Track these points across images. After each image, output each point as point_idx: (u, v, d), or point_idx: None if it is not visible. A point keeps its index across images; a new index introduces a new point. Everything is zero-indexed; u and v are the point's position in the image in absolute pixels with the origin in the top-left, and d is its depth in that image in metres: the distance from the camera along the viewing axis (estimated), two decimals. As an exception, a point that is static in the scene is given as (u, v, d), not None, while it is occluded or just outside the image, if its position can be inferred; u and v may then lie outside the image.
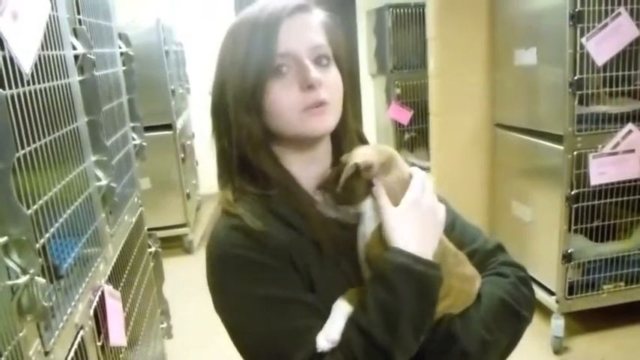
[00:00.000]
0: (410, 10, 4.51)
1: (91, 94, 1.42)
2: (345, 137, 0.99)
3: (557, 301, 2.53)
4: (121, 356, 1.49)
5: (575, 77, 2.29)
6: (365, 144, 1.01)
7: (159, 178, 3.88)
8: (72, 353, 1.09)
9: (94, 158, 1.42)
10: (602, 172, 2.37)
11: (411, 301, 0.80)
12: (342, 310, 0.83)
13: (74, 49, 1.35)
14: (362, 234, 0.88)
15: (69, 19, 1.34)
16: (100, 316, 1.32)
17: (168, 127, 3.92)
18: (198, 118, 4.83)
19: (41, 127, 1.03)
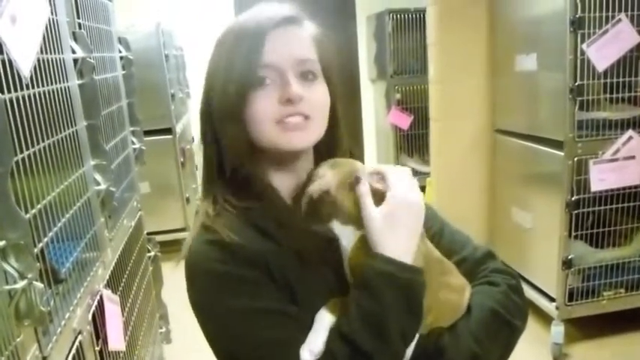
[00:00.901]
0: (410, 15, 4.52)
1: (90, 98, 1.42)
2: (335, 150, 0.98)
3: (557, 308, 2.52)
4: (119, 361, 1.49)
5: (576, 83, 2.29)
6: (354, 158, 0.99)
7: (158, 182, 3.88)
8: (70, 358, 1.09)
9: (93, 162, 1.42)
10: (603, 178, 2.37)
11: (396, 307, 0.78)
12: (324, 320, 0.82)
13: (73, 52, 1.35)
14: (343, 248, 0.87)
15: (68, 22, 1.34)
16: (98, 320, 1.31)
17: (168, 131, 3.91)
18: (197, 123, 4.79)
19: (40, 130, 1.03)
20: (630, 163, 2.38)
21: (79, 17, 1.45)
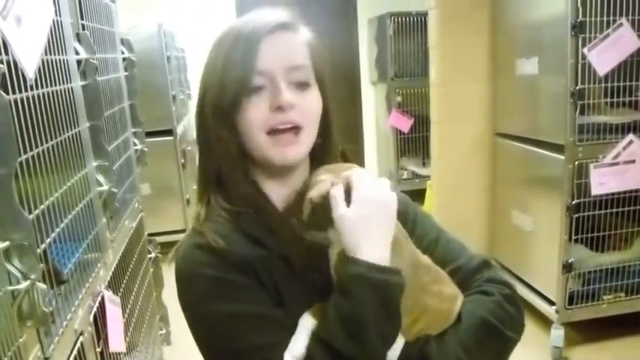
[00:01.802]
0: (411, 18, 4.53)
1: (93, 99, 1.42)
2: (327, 156, 0.99)
3: (557, 311, 2.52)
4: (119, 362, 1.49)
5: (577, 87, 2.30)
6: (348, 162, 0.99)
7: (159, 183, 3.88)
8: (71, 359, 1.09)
9: (95, 163, 1.42)
10: (603, 182, 2.37)
11: (373, 308, 0.78)
12: (307, 324, 0.82)
13: (77, 54, 1.35)
14: (331, 254, 0.87)
15: (72, 24, 1.35)
16: (99, 321, 1.31)
17: (169, 132, 3.92)
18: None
19: (43, 131, 1.03)
20: (631, 168, 2.39)
21: (82, 18, 1.46)
